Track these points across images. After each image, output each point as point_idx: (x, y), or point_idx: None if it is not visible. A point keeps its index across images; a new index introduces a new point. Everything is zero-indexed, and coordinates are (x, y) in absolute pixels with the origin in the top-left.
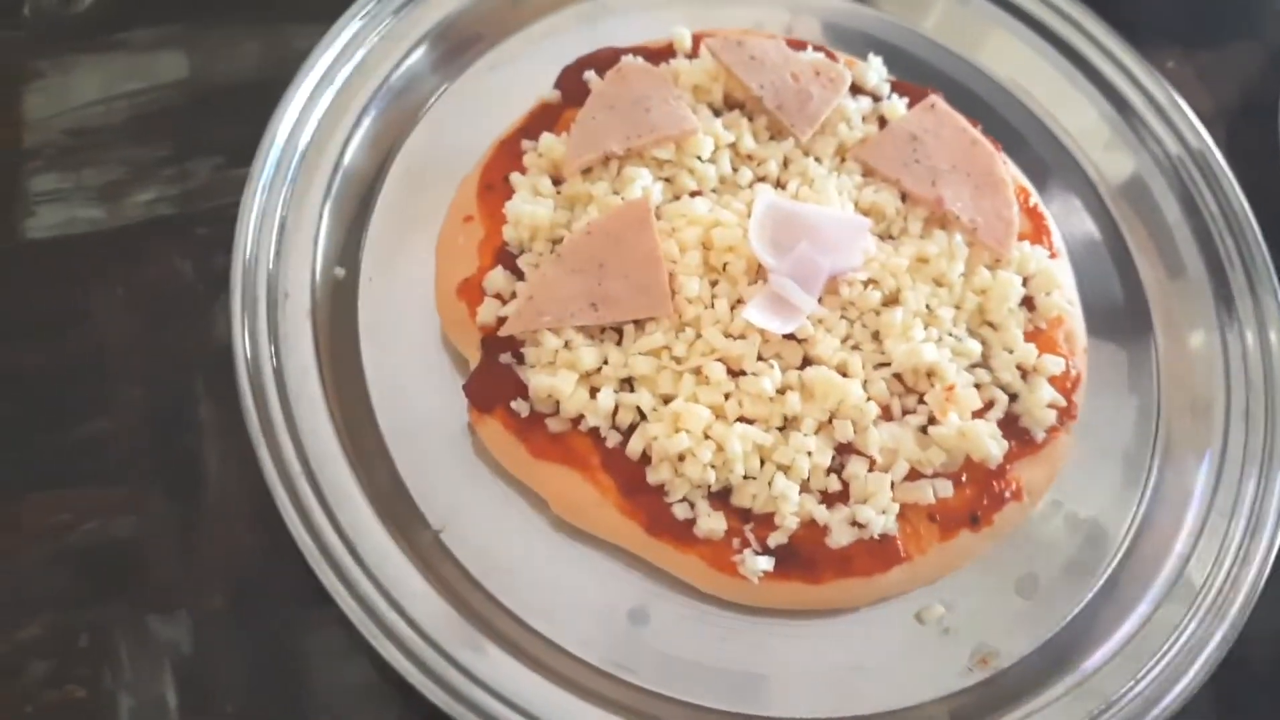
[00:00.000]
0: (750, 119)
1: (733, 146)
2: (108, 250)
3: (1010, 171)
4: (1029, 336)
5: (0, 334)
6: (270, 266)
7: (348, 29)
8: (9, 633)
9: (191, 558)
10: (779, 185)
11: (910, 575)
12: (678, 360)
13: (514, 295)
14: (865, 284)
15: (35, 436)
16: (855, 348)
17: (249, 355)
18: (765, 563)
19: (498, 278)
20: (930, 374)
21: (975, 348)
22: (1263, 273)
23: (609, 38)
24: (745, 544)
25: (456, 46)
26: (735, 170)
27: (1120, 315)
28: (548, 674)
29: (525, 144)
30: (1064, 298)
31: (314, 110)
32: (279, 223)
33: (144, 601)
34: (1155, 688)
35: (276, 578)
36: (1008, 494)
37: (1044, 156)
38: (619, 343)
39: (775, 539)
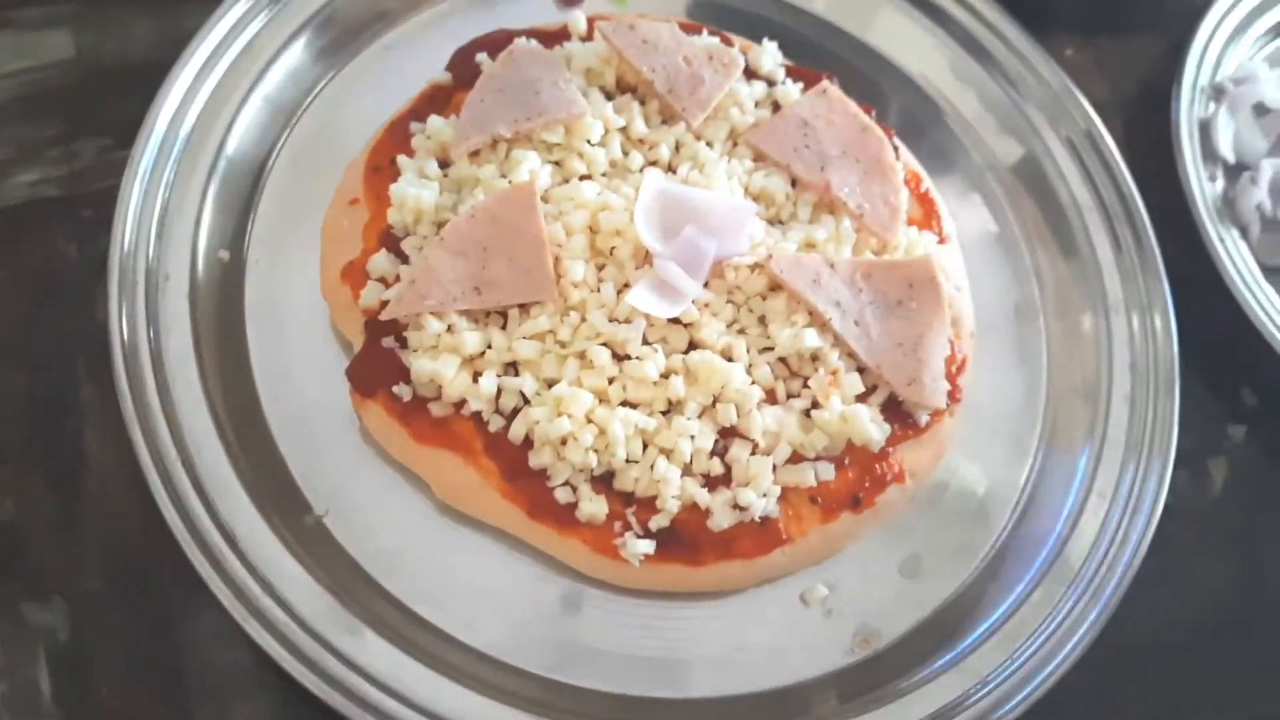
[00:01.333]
0: (642, 103)
1: (624, 130)
2: None
3: (902, 157)
4: None
5: None
6: (151, 249)
7: (235, 9)
8: None
9: (70, 542)
10: (670, 170)
11: (792, 557)
12: (562, 344)
13: (398, 279)
14: (751, 269)
15: None
16: (741, 332)
17: (126, 338)
18: (646, 546)
19: (381, 261)
20: (814, 359)
21: None
22: (1150, 258)
23: (506, 20)
24: (627, 527)
25: (350, 28)
26: (626, 154)
27: (1012, 299)
28: (429, 660)
29: (414, 126)
30: (951, 283)
31: (199, 92)
32: (160, 205)
33: (20, 585)
34: (1030, 666)
35: (156, 562)
36: (889, 477)
37: (939, 141)
38: (503, 327)
39: (657, 522)
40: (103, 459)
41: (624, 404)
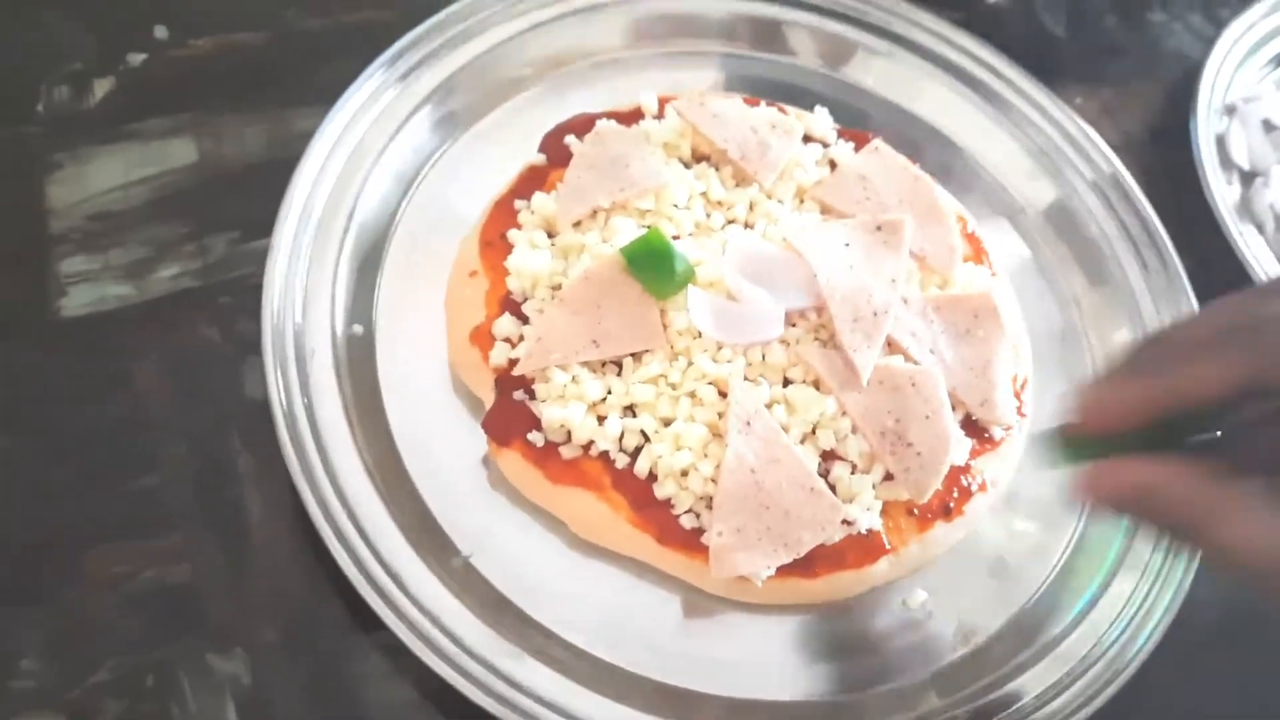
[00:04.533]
0: (717, 169)
1: (704, 195)
2: (140, 322)
3: (949, 202)
4: None
5: (47, 404)
6: (296, 327)
7: (343, 111)
8: (81, 678)
9: (243, 597)
10: (748, 226)
11: (895, 565)
12: (673, 386)
13: (521, 338)
14: None
15: (88, 495)
16: None
17: (285, 408)
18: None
19: (506, 324)
20: None
21: None
22: (1176, 279)
23: (579, 105)
24: None
25: (441, 121)
26: (708, 215)
27: (1056, 324)
28: (579, 677)
29: (518, 203)
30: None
31: (322, 185)
32: (300, 287)
33: (203, 640)
34: (1118, 648)
35: (321, 611)
36: (975, 486)
37: (975, 189)
38: (619, 374)
39: None
40: (264, 520)
41: None
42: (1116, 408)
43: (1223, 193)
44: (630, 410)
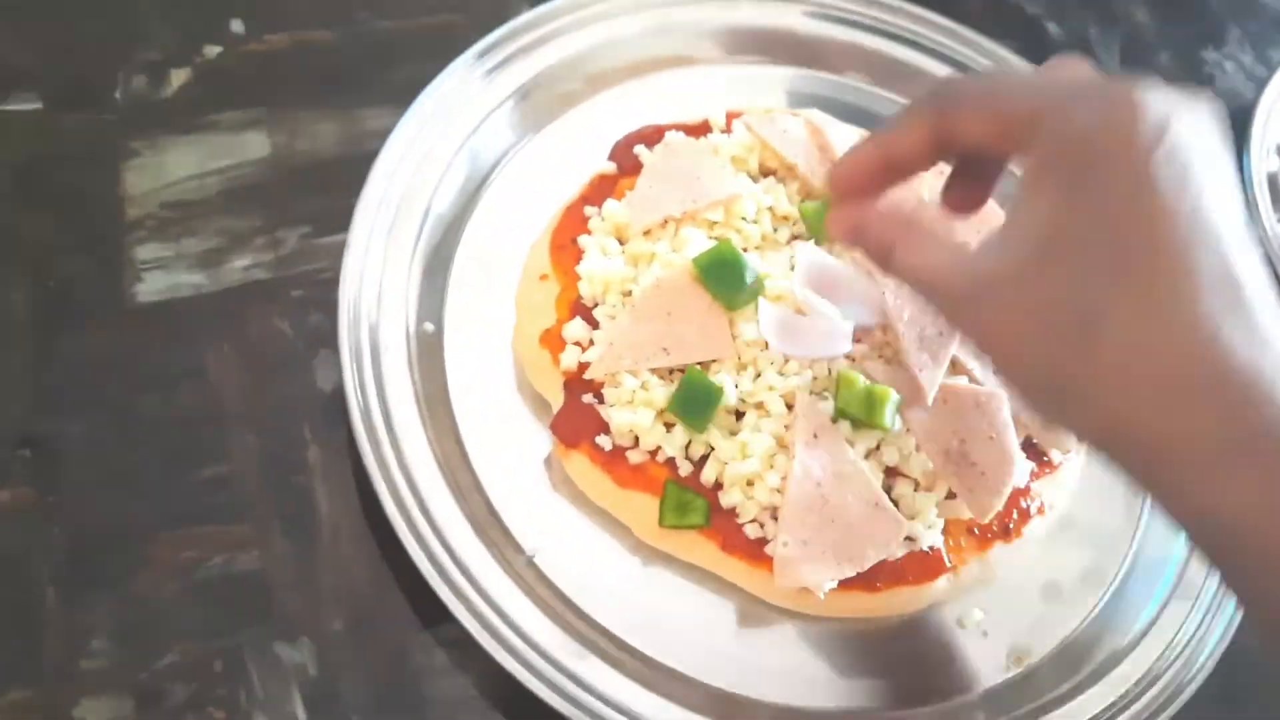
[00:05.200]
0: (784, 184)
1: (770, 209)
2: (212, 312)
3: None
4: None
5: (121, 390)
6: (371, 322)
7: (421, 109)
8: (149, 661)
9: (310, 587)
10: (816, 241)
11: (954, 584)
12: (742, 398)
13: (591, 343)
14: None
15: (160, 481)
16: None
17: (361, 403)
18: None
19: (576, 328)
20: None
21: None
22: None
23: (646, 116)
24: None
25: (515, 125)
26: (775, 229)
27: None
28: (638, 678)
29: (588, 210)
30: None
31: (398, 181)
32: (375, 283)
33: (270, 628)
34: (1171, 675)
35: (387, 604)
36: (1034, 509)
37: None
38: None
39: None
40: (332, 512)
41: None
42: (852, 173)
43: (1275, 230)
44: None
